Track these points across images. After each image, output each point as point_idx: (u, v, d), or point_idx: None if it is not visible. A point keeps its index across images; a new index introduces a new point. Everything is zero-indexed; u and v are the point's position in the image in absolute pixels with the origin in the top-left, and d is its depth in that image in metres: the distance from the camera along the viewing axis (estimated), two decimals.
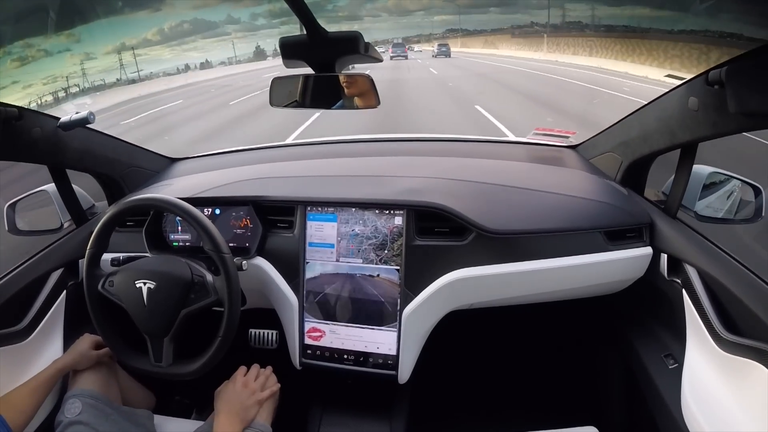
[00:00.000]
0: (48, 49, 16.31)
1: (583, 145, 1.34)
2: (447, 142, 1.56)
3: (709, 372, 0.84)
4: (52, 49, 16.61)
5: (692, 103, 0.81)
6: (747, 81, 0.68)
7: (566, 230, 1.00)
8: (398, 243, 1.01)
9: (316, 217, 1.06)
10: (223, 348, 0.89)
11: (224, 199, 1.11)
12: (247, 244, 1.07)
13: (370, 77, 0.84)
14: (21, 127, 0.91)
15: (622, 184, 1.13)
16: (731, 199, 1.02)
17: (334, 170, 1.27)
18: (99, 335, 0.96)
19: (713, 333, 0.83)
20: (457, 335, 1.31)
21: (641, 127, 1.02)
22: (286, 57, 0.78)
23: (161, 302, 0.88)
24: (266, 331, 1.21)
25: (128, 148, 1.30)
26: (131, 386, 1.07)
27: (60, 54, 17.42)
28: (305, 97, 0.89)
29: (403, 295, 1.00)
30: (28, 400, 0.88)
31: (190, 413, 1.32)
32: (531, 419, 1.01)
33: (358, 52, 0.75)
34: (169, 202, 0.91)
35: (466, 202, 1.01)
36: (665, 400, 0.91)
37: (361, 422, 1.08)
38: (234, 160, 1.43)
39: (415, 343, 1.03)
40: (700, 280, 0.90)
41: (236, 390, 0.93)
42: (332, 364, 1.05)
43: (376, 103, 0.87)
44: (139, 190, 1.27)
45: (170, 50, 38.12)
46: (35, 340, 1.03)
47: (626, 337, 1.12)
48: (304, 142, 1.55)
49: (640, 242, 1.03)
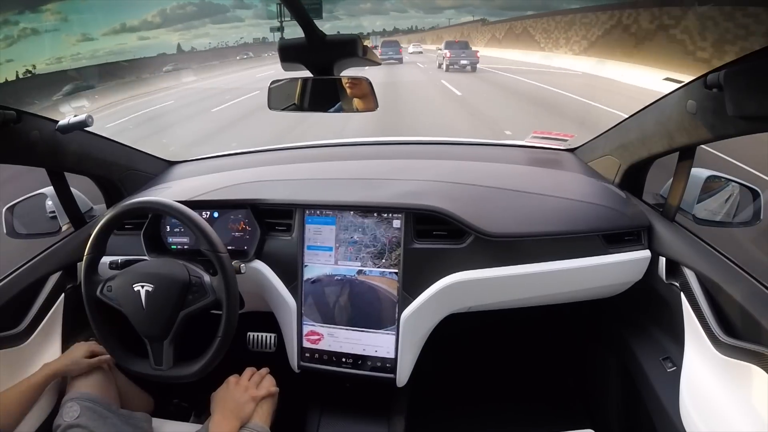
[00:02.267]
0: (37, 28, 15.92)
1: (582, 149, 1.34)
2: (445, 145, 1.56)
3: (707, 375, 0.84)
4: (41, 28, 16.13)
5: (690, 107, 0.81)
6: (745, 84, 0.68)
7: (564, 233, 1.00)
8: (396, 253, 1.01)
9: (315, 220, 1.06)
10: (223, 348, 0.89)
11: (222, 202, 1.11)
12: (245, 247, 1.07)
13: (368, 80, 0.85)
14: (19, 129, 0.91)
15: (621, 187, 1.13)
16: (729, 202, 1.02)
17: (332, 173, 1.27)
18: (98, 340, 0.96)
19: (711, 336, 0.83)
20: (456, 338, 1.31)
21: (639, 130, 1.02)
22: (284, 60, 0.78)
23: (160, 305, 0.88)
24: (264, 335, 1.21)
25: (126, 151, 1.30)
26: (129, 389, 1.07)
27: (49, 33, 16.57)
28: (303, 101, 0.89)
29: (402, 298, 1.00)
30: (16, 403, 0.88)
31: (188, 416, 1.32)
32: (529, 422, 1.02)
33: (356, 55, 0.75)
34: (164, 204, 0.92)
35: (465, 205, 1.01)
36: (663, 403, 0.91)
37: (359, 425, 1.07)
38: (232, 163, 1.43)
39: (413, 346, 1.02)
40: (698, 283, 0.90)
41: (229, 389, 0.93)
42: (330, 367, 1.05)
43: (374, 106, 0.87)
44: (137, 193, 1.27)
45: (179, 35, 36.12)
46: (33, 343, 1.03)
47: (624, 340, 1.11)
48: (302, 145, 1.55)
49: (639, 245, 1.03)
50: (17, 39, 14.72)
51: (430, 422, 1.32)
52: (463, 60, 13.60)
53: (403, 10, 67.13)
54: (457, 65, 13.58)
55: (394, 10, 68.36)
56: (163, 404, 1.20)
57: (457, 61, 13.59)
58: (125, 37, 23.63)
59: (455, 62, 13.59)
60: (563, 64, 14.63)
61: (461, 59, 13.59)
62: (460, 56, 13.67)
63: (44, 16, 16.05)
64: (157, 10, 35.55)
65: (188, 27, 37.42)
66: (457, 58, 13.65)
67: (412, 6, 62.70)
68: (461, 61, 13.58)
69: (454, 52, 13.82)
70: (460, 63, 13.56)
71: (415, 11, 66.65)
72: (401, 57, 17.90)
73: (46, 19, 16.49)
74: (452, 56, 13.68)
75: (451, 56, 13.68)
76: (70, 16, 17.72)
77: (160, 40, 31.68)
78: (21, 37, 15.05)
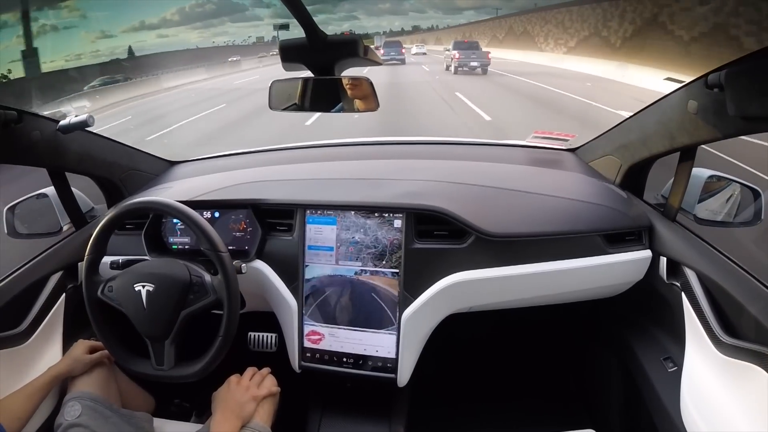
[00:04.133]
0: (57, 25, 15.89)
1: (583, 148, 1.34)
2: (446, 145, 1.57)
3: (708, 375, 0.84)
4: (61, 25, 16.13)
5: (691, 107, 0.81)
6: (746, 84, 0.68)
7: (565, 233, 1.00)
8: (397, 255, 1.01)
9: (316, 220, 1.06)
10: (225, 347, 0.89)
11: (223, 202, 1.11)
12: (246, 247, 1.07)
13: (369, 80, 0.85)
14: (20, 130, 0.91)
15: (622, 187, 1.13)
16: (730, 202, 1.02)
17: (333, 173, 1.27)
18: (99, 341, 0.96)
19: (712, 336, 0.83)
20: (457, 338, 1.31)
21: (640, 130, 1.02)
22: (285, 60, 0.78)
23: (161, 304, 0.88)
24: (265, 334, 1.21)
25: (127, 151, 1.30)
26: (131, 389, 1.07)
27: (68, 30, 16.62)
28: (304, 101, 0.89)
29: (402, 298, 1.00)
30: (23, 406, 0.88)
31: (190, 416, 1.32)
32: (530, 422, 1.02)
33: (357, 55, 0.75)
34: (165, 204, 0.92)
35: (466, 205, 1.01)
36: (664, 404, 0.91)
37: (360, 425, 1.08)
38: (233, 163, 1.43)
39: (414, 346, 1.02)
40: (699, 283, 0.90)
41: (230, 389, 0.93)
42: (331, 367, 1.05)
43: (375, 106, 0.87)
44: (138, 193, 1.27)
45: (198, 33, 35.13)
46: (34, 343, 1.03)
47: (625, 340, 1.11)
48: (303, 145, 1.55)
49: (640, 245, 1.03)
50: (37, 35, 14.70)
51: (431, 422, 1.32)
52: (473, 62, 12.60)
53: (422, 10, 66.60)
54: (466, 67, 12.61)
55: (413, 10, 67.86)
56: (164, 404, 1.20)
57: (466, 63, 12.59)
58: (144, 35, 23.29)
59: (464, 64, 12.58)
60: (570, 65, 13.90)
61: (471, 61, 12.65)
62: (470, 57, 12.73)
63: (63, 13, 15.97)
64: (176, 8, 35.04)
65: (207, 25, 36.85)
66: (467, 59, 12.70)
67: (431, 6, 61.72)
68: (471, 62, 12.59)
69: (464, 53, 12.90)
70: (469, 65, 12.57)
71: (434, 11, 65.86)
72: (404, 57, 17.63)
73: (65, 16, 16.39)
74: (461, 57, 12.74)
75: (461, 57, 12.73)
76: (89, 13, 17.61)
77: (179, 38, 31.13)
78: (40, 34, 15.05)
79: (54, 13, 15.38)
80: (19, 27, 10.95)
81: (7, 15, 10.79)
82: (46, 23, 15.39)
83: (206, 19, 35.69)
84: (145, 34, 23.70)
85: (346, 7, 43.96)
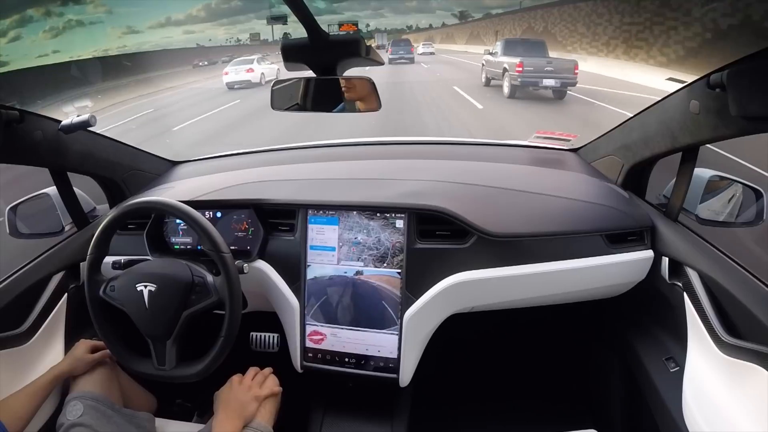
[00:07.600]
0: (83, 20, 15.74)
1: (584, 149, 1.34)
2: (448, 145, 1.57)
3: (710, 375, 0.84)
4: (87, 20, 15.97)
5: (693, 107, 0.81)
6: (749, 84, 0.68)
7: (567, 233, 1.00)
8: (399, 258, 1.01)
9: (318, 220, 1.06)
10: (226, 348, 0.89)
11: (225, 202, 1.11)
12: (248, 247, 1.08)
13: (371, 80, 0.85)
14: (22, 129, 0.91)
15: (624, 187, 1.13)
16: (732, 202, 1.02)
17: (335, 173, 1.27)
18: (101, 340, 0.96)
19: (714, 336, 0.83)
20: (458, 338, 1.31)
21: (642, 130, 1.02)
22: (287, 60, 0.78)
23: (163, 304, 0.88)
24: (267, 335, 1.21)
25: (130, 151, 1.31)
26: (132, 389, 1.07)
27: (94, 26, 16.36)
28: (306, 101, 0.89)
29: (405, 298, 1.00)
30: (25, 405, 0.88)
31: (191, 416, 1.32)
32: (532, 422, 1.01)
33: (359, 55, 0.75)
34: (167, 204, 0.92)
35: (468, 205, 1.01)
36: (666, 403, 0.91)
37: (362, 425, 1.07)
38: (235, 163, 1.43)
39: (416, 346, 1.02)
40: (701, 283, 0.89)
41: (233, 389, 0.93)
42: (333, 367, 1.05)
43: (377, 107, 0.87)
44: (140, 193, 1.27)
45: (225, 30, 34.43)
46: (36, 343, 1.03)
47: (627, 340, 1.11)
48: (305, 145, 1.55)
49: (642, 245, 1.03)
50: (62, 31, 14.58)
51: (433, 422, 1.32)
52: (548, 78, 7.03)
53: (449, 8, 65.79)
54: (535, 87, 7.22)
55: (441, 8, 67.10)
56: (166, 404, 1.20)
57: (538, 80, 7.09)
58: (170, 31, 22.86)
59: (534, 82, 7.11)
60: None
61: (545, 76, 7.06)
62: (542, 71, 7.10)
63: (89, 8, 15.81)
64: (202, 4, 34.61)
65: (233, 22, 36.37)
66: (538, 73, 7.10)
67: (459, 5, 60.06)
68: (545, 79, 7.04)
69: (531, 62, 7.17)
70: (543, 82, 7.08)
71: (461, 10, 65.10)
72: (413, 56, 16.30)
73: (91, 11, 16.23)
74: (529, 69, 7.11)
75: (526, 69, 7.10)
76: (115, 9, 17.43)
77: (205, 34, 30.63)
78: (66, 29, 14.92)
79: (79, 8, 15.25)
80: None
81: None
82: (72, 18, 15.27)
83: (233, 15, 35.53)
84: (171, 30, 23.48)
85: (373, 5, 43.55)
